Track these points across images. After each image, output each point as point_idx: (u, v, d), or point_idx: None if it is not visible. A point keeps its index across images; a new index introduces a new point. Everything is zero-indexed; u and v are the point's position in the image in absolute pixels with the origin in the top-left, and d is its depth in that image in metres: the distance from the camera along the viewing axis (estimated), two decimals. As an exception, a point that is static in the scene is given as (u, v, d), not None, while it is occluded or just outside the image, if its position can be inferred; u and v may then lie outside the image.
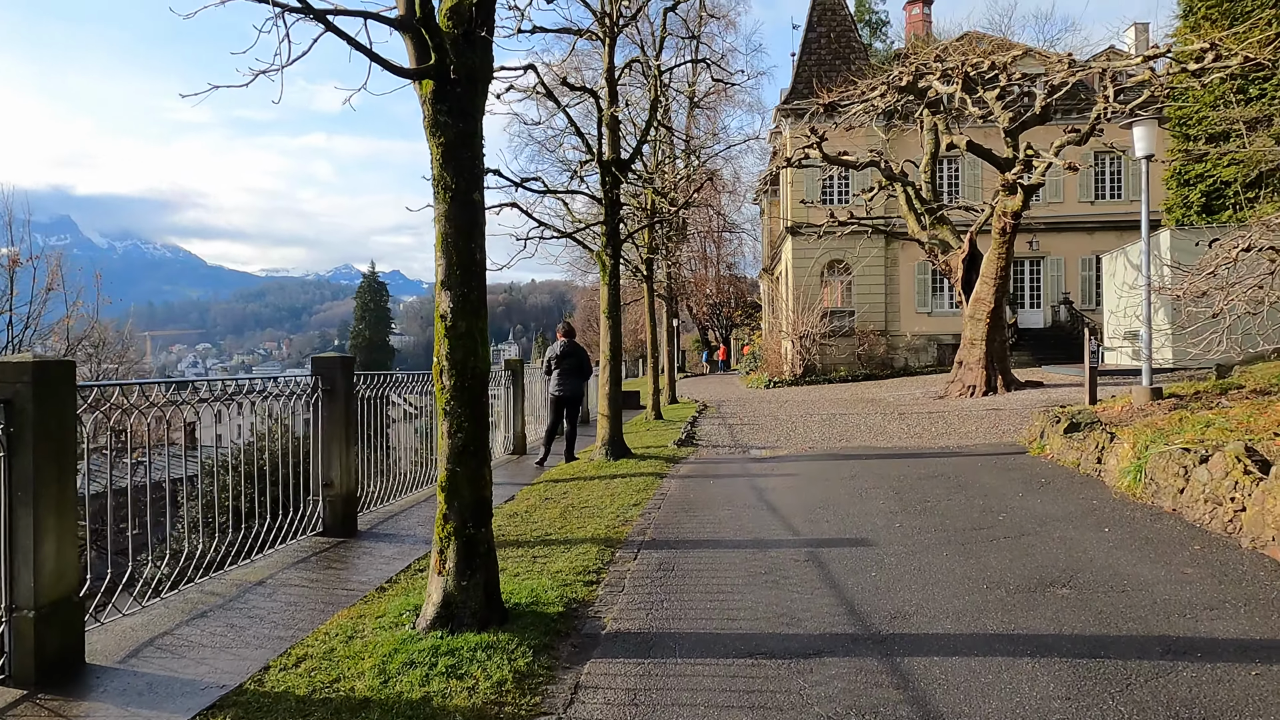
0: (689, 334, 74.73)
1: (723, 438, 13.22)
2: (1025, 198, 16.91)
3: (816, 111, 17.67)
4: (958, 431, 12.60)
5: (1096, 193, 32.70)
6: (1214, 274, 9.83)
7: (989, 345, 18.83)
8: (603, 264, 10.34)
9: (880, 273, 32.08)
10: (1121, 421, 9.17)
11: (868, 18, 68.45)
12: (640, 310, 55.14)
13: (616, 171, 9.96)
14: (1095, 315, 31.73)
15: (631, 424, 16.66)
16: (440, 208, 4.47)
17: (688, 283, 58.45)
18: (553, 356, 10.91)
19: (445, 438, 4.47)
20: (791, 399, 21.87)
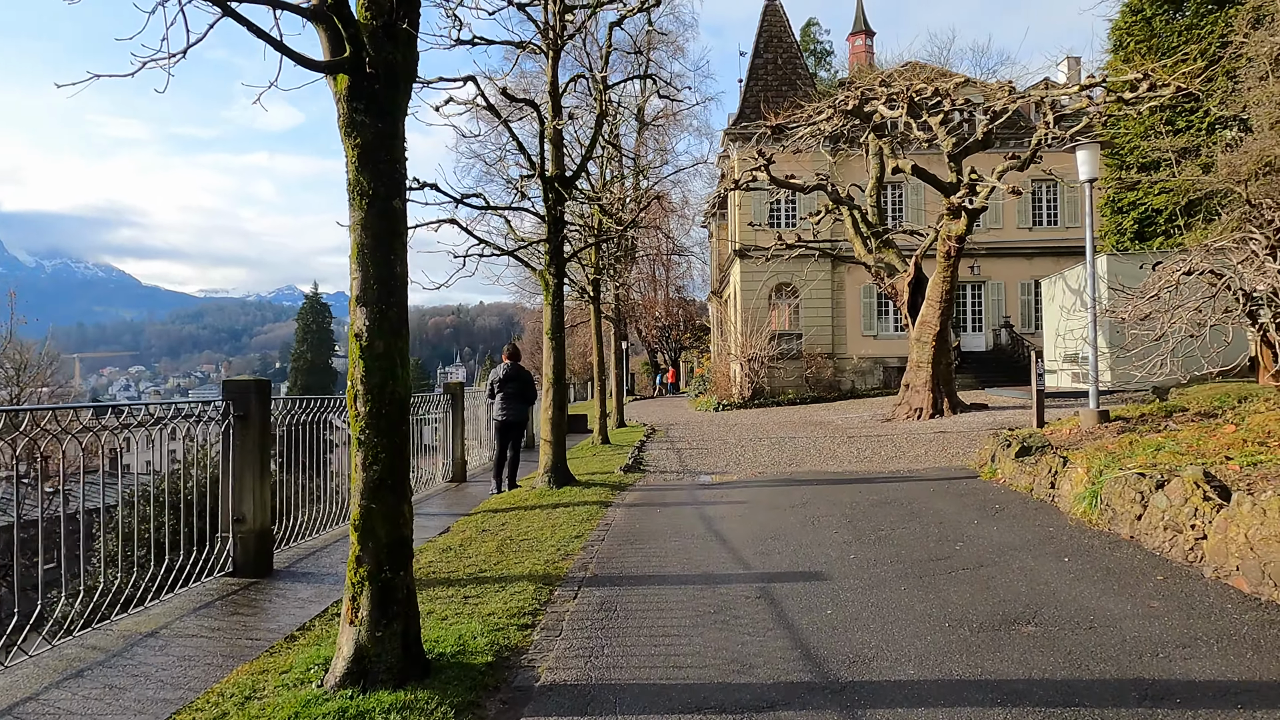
0: (638, 356, 74.51)
1: (671, 463, 12.86)
2: (969, 222, 17.08)
3: (764, 134, 17.64)
4: (907, 455, 12.46)
5: (1034, 219, 33.51)
6: (1157, 297, 9.88)
7: (935, 368, 18.90)
8: (546, 284, 9.95)
9: (827, 296, 32.31)
10: (1071, 445, 9.08)
11: (813, 47, 69.87)
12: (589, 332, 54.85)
13: (560, 188, 9.61)
14: (1035, 338, 32.39)
15: (577, 449, 16.21)
16: (356, 215, 4.04)
17: (637, 305, 58.34)
18: (496, 380, 10.46)
19: (359, 470, 4.01)
20: (740, 422, 21.67)
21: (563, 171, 9.91)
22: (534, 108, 9.30)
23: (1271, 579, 4.60)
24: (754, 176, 20.18)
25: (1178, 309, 9.42)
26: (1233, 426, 7.83)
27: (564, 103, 10.39)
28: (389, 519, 4.02)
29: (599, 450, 15.52)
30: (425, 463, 11.40)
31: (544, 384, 10.25)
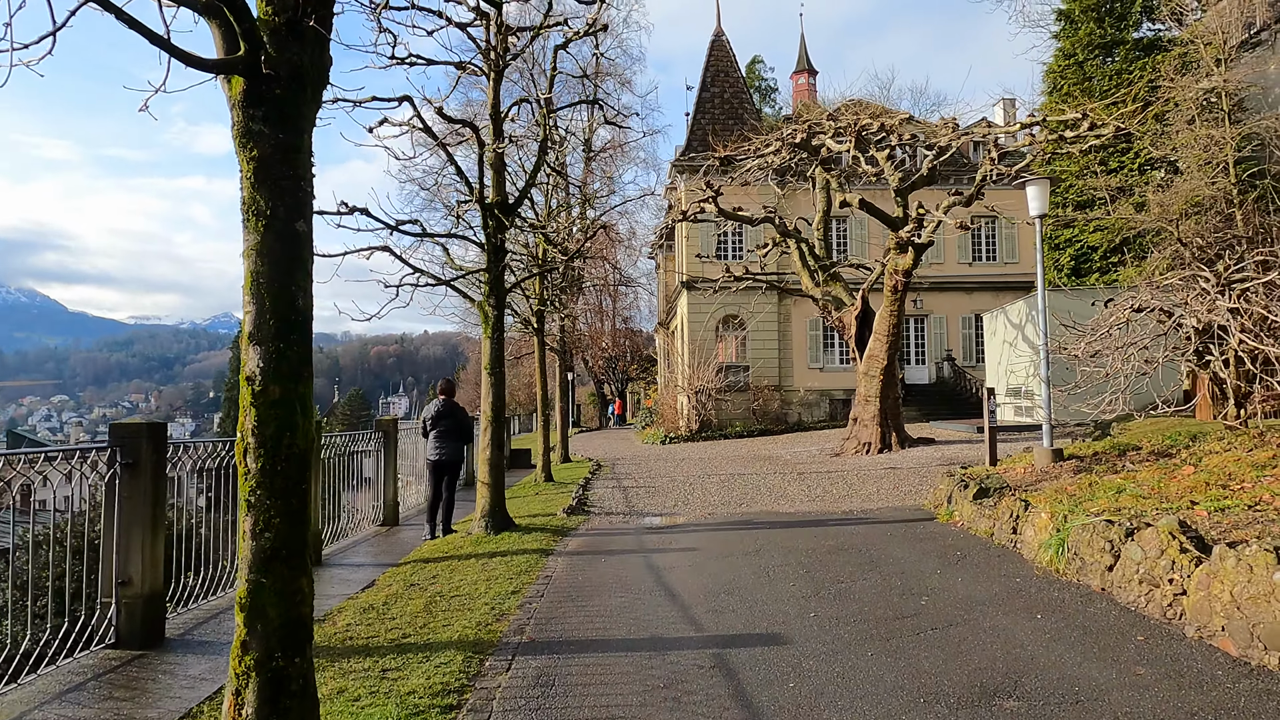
0: (585, 387, 73.71)
1: (617, 503, 12.30)
2: (916, 256, 17.08)
3: (712, 165, 17.45)
4: (859, 493, 12.14)
5: (974, 255, 34.15)
6: (1109, 334, 9.78)
7: (883, 402, 18.79)
8: (485, 315, 9.39)
9: (774, 328, 32.30)
10: (1028, 485, 8.84)
11: (758, 84, 71.03)
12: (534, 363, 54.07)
13: (501, 215, 9.11)
14: (976, 371, 32.85)
15: (520, 486, 15.53)
16: (251, 239, 3.47)
17: (584, 336, 57.79)
18: (428, 417, 9.81)
19: (248, 538, 3.40)
20: (688, 456, 21.23)
21: (504, 198, 9.42)
22: (472, 129, 8.81)
23: (1261, 641, 4.27)
24: (701, 208, 19.97)
25: (1129, 346, 9.31)
26: (1191, 468, 7.66)
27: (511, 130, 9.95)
28: (283, 596, 3.40)
29: (542, 488, 14.87)
30: (360, 499, 10.65)
31: (482, 421, 9.63)
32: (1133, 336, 9.62)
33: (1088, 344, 9.63)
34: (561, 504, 11.98)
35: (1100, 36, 26.02)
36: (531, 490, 14.66)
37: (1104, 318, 9.97)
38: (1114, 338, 9.76)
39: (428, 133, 8.70)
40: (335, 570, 8.02)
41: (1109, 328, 9.70)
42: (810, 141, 16.65)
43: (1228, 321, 8.46)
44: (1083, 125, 14.54)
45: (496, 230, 9.25)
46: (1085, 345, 9.63)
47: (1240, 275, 8.86)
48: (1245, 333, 8.35)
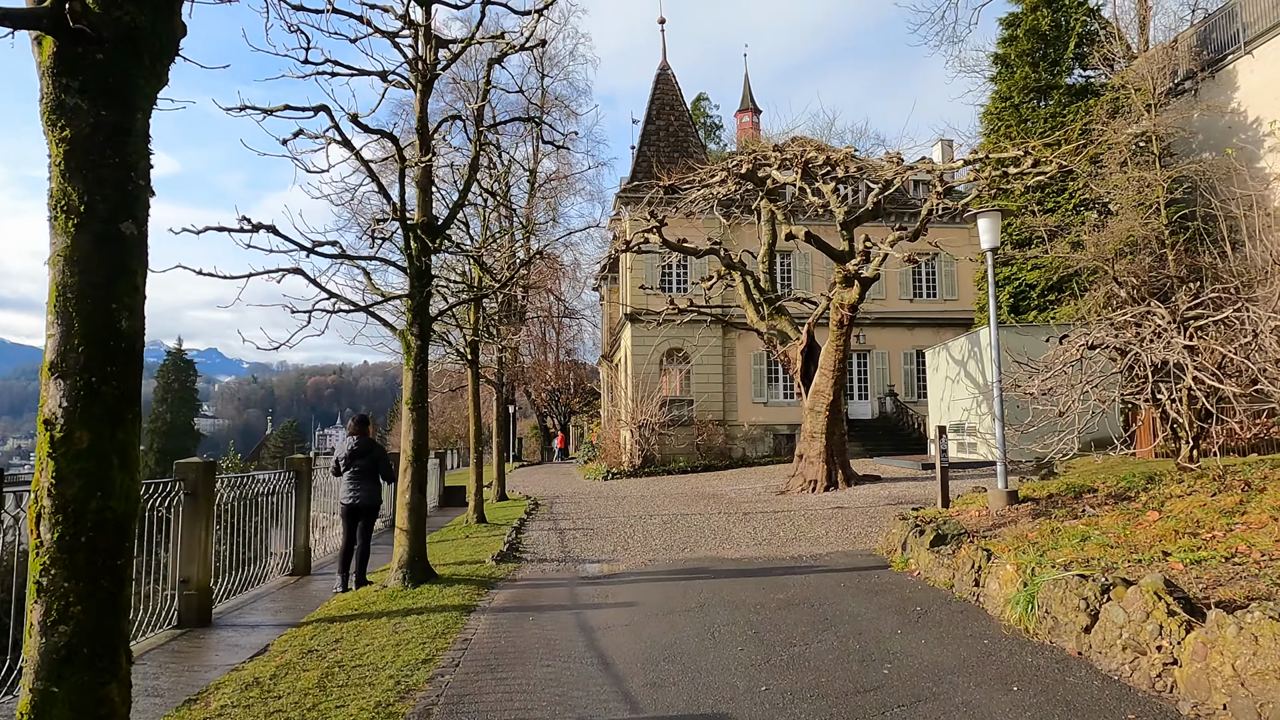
0: (527, 420, 72.43)
1: (552, 548, 11.47)
2: (862, 290, 16.83)
3: (657, 194, 17.00)
4: (807, 536, 11.57)
5: (915, 291, 34.47)
6: (1064, 371, 9.46)
7: (829, 438, 18.40)
8: (407, 345, 8.59)
9: (718, 362, 31.93)
10: (985, 530, 8.38)
11: (703, 120, 71.81)
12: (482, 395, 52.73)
13: (425, 237, 8.37)
14: (918, 407, 32.96)
15: (450, 528, 14.56)
16: (58, 242, 2.70)
17: (527, 368, 56.82)
18: (341, 457, 8.92)
19: (35, 632, 2.59)
20: (630, 493, 20.48)
21: (430, 219, 8.68)
22: (391, 140, 8.09)
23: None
24: (646, 238, 19.49)
25: (1086, 384, 8.98)
26: (1155, 514, 7.27)
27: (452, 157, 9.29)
28: (81, 713, 2.59)
29: (472, 530, 13.95)
30: (270, 545, 9.63)
31: (402, 461, 8.77)
32: (1086, 374, 9.31)
33: (1042, 381, 9.30)
34: (492, 549, 11.11)
35: (1035, 81, 26.62)
36: (461, 533, 13.72)
37: (1057, 354, 9.67)
38: (1067, 375, 9.45)
39: (347, 145, 7.96)
40: (224, 634, 7.05)
41: (1063, 365, 9.40)
42: (756, 173, 16.34)
43: (1184, 359, 8.19)
44: (1026, 162, 14.52)
45: (421, 253, 8.50)
46: (1040, 382, 9.31)
47: (1195, 312, 8.64)
48: (1203, 370, 8.08)
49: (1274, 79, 22.90)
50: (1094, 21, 27.22)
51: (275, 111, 8.04)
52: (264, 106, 8.07)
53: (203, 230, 7.56)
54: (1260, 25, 23.66)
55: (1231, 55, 24.37)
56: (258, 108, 8.05)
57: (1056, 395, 9.72)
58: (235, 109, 7.99)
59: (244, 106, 8.01)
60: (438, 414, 61.54)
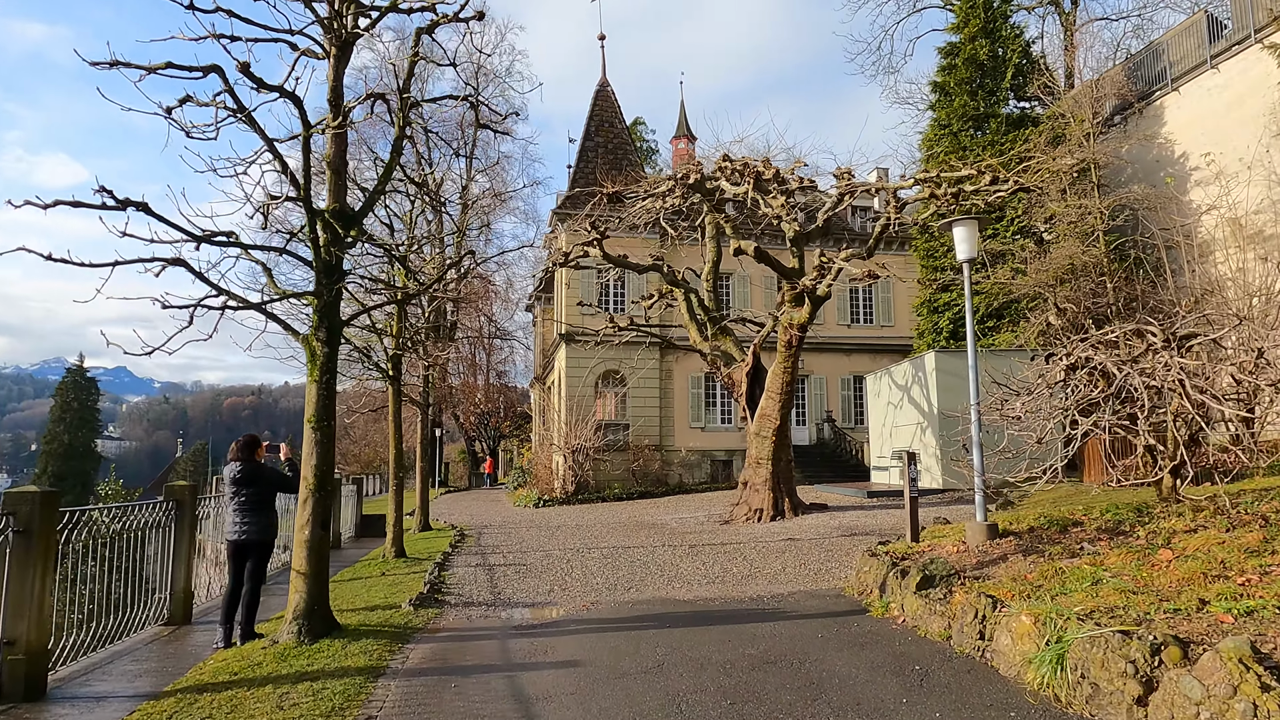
0: (455, 444, 70.05)
1: (480, 588, 10.12)
2: (813, 309, 16.08)
3: (600, 202, 15.97)
4: (764, 572, 10.53)
5: (853, 317, 34.27)
6: (1045, 392, 8.71)
7: (775, 465, 17.53)
8: (311, 353, 7.26)
9: (655, 385, 30.95)
10: (970, 569, 7.49)
11: (640, 144, 71.56)
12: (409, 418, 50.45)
13: (336, 224, 7.10)
14: (856, 433, 32.59)
15: (364, 564, 13.02)
16: None
17: (455, 390, 54.88)
18: (228, 482, 7.49)
19: None
20: (565, 522, 19.18)
21: (343, 207, 7.42)
22: (291, 99, 6.79)
23: None
24: (585, 251, 18.43)
25: (1074, 407, 8.23)
26: (1168, 553, 6.47)
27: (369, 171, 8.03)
28: None
29: (390, 566, 12.46)
30: (142, 589, 8.07)
31: (301, 490, 7.38)
32: (1075, 396, 8.59)
33: (1024, 403, 8.54)
34: (411, 590, 9.71)
35: (974, 109, 26.75)
36: (377, 569, 12.22)
37: (1039, 376, 8.94)
38: (1046, 397, 8.73)
39: (239, 112, 6.65)
40: (59, 710, 5.55)
41: (1045, 386, 8.67)
42: (705, 183, 15.48)
43: (1178, 380, 7.52)
44: (983, 180, 14.03)
45: (331, 245, 7.21)
46: (1022, 404, 8.54)
47: (1188, 329, 8.01)
48: (1201, 392, 7.41)
49: (1199, 115, 23.42)
50: (1030, 54, 27.64)
51: (158, 69, 6.69)
52: (143, 64, 6.71)
53: (51, 205, 6.14)
54: (1185, 64, 24.24)
55: (1159, 91, 24.91)
56: (135, 65, 6.69)
57: (1033, 419, 8.99)
58: (104, 64, 6.62)
59: (115, 63, 6.64)
60: (359, 436, 58.86)
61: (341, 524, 17.92)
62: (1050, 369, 8.56)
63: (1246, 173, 21.63)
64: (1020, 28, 27.64)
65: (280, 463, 8.00)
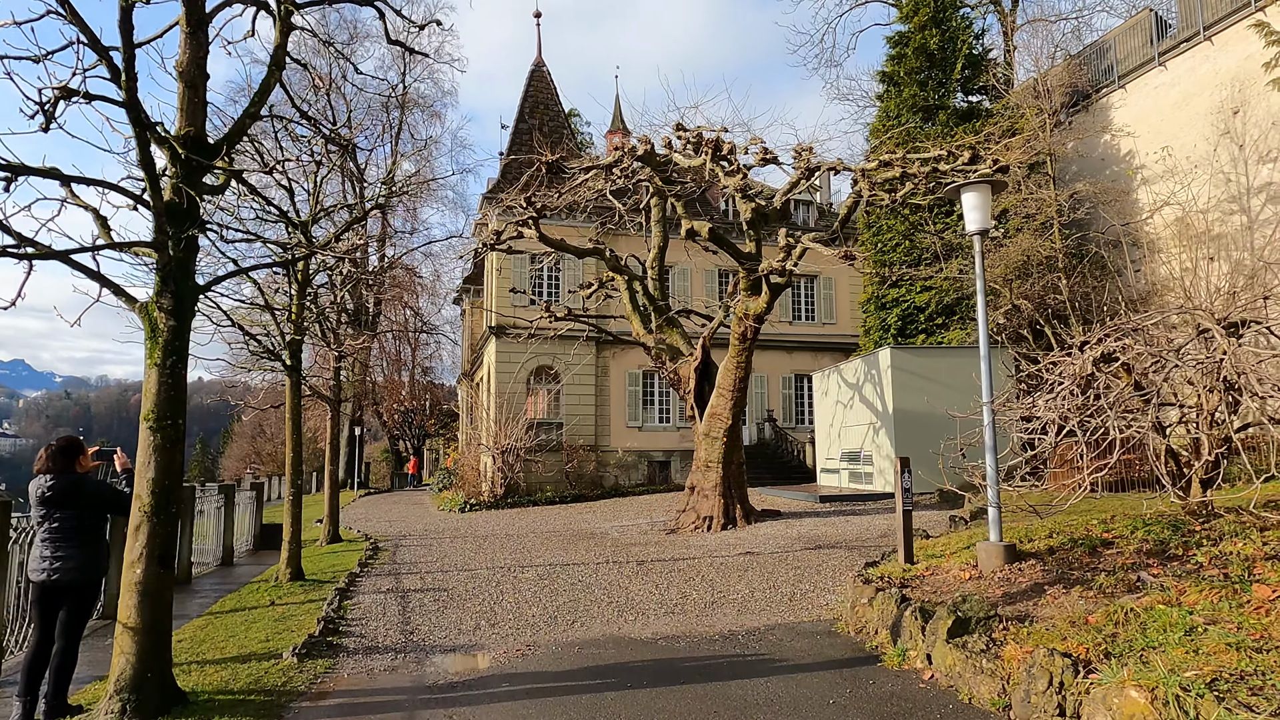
0: (378, 443, 66.96)
1: (389, 626, 8.26)
2: (771, 297, 14.66)
3: (536, 174, 14.19)
4: (730, 598, 8.99)
5: (794, 314, 33.27)
6: (1071, 392, 7.39)
7: (726, 468, 16.07)
8: (151, 326, 5.37)
9: (591, 382, 29.25)
10: (997, 601, 6.08)
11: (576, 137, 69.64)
12: (322, 415, 47.38)
13: (189, 154, 5.23)
14: (797, 433, 31.58)
15: (249, 589, 10.94)
16: None
17: (379, 387, 52.05)
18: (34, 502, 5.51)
19: None
20: (494, 530, 17.34)
21: (200, 132, 5.53)
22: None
23: None
24: (519, 232, 16.61)
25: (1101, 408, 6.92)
26: (1267, 589, 5.14)
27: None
28: None
29: (283, 592, 10.44)
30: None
31: (133, 515, 5.43)
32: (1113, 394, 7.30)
33: (1047, 403, 7.21)
34: (300, 629, 7.82)
35: (924, 99, 25.89)
36: (265, 596, 10.18)
37: (1062, 368, 7.62)
38: (1067, 395, 7.43)
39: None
40: None
41: (1072, 383, 7.36)
42: (654, 154, 13.86)
43: (1242, 373, 6.29)
44: (961, 157, 12.82)
45: (185, 179, 5.33)
46: (1046, 403, 7.21)
47: (1243, 314, 6.79)
48: (1261, 383, 6.18)
49: (1145, 113, 23.01)
50: (981, 45, 26.98)
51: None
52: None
53: None
54: (1131, 61, 23.86)
55: (1106, 89, 24.50)
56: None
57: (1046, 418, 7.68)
58: None
59: None
60: (273, 434, 55.35)
61: (237, 535, 15.71)
62: (1077, 360, 7.23)
63: (1194, 171, 21.21)
64: (969, 18, 26.96)
65: (117, 475, 6.03)
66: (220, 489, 14.87)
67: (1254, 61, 20.38)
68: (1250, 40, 20.13)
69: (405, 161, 48.66)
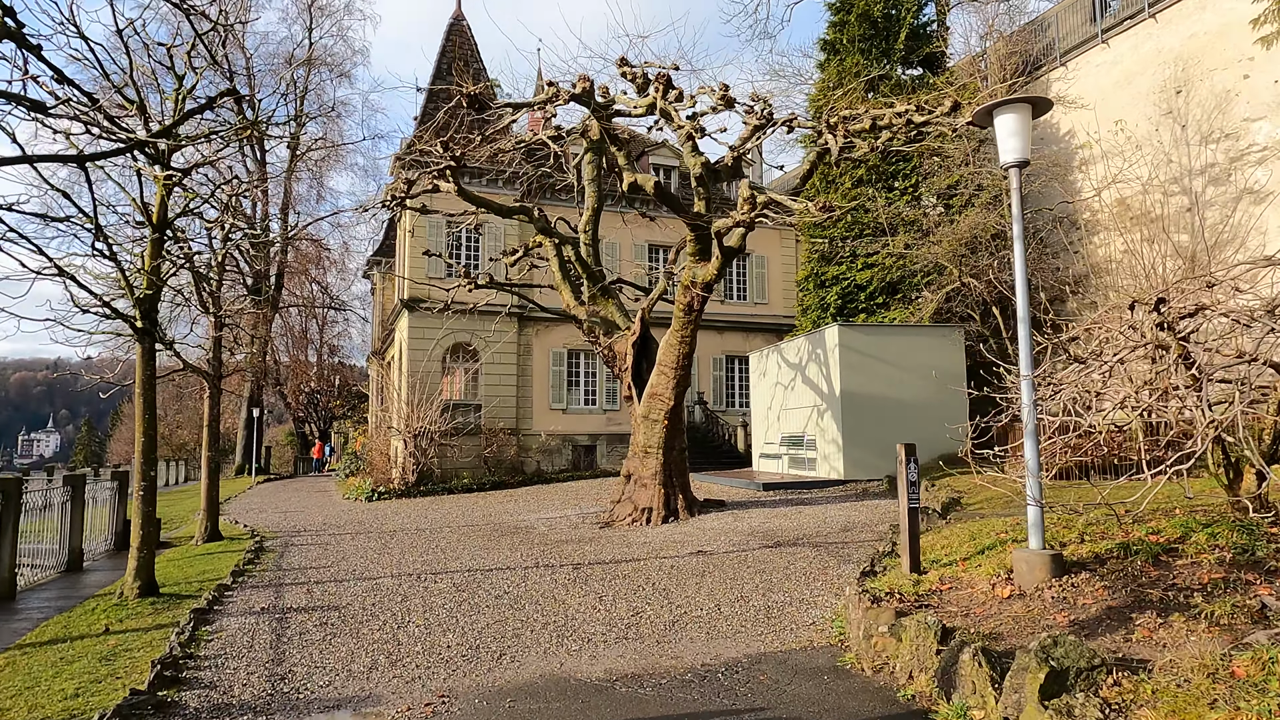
0: (282, 426, 63.13)
1: (253, 669, 6.24)
2: (723, 262, 13.05)
3: (457, 109, 12.10)
4: (691, 613, 7.36)
5: (726, 293, 31.94)
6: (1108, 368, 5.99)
7: (667, 454, 14.48)
8: None
9: (513, 361, 27.19)
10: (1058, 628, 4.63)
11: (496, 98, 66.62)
12: (191, 390, 43.43)
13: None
14: (728, 416, 30.36)
15: (87, 606, 8.66)
16: None
17: (283, 366, 48.53)
18: None
19: None
20: (403, 524, 15.29)
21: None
22: None
23: None
24: (435, 185, 14.49)
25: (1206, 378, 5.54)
26: None
27: None
28: None
29: (127, 613, 8.24)
30: None
31: None
32: (1200, 364, 5.94)
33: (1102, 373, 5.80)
34: (128, 675, 5.77)
35: (866, 68, 24.66)
36: (99, 622, 7.96)
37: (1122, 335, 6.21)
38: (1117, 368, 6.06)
39: None
40: None
41: (1118, 355, 5.97)
42: (592, 94, 11.99)
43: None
44: (942, 106, 11.45)
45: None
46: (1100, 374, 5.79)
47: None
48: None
49: (1086, 91, 22.38)
50: (924, 15, 25.96)
51: None
52: None
53: None
54: (1073, 39, 23.27)
55: (1045, 67, 23.87)
56: None
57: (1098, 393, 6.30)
58: None
59: None
60: (167, 414, 51.01)
61: (91, 534, 13.24)
62: (1139, 322, 5.82)
63: (1137, 151, 20.62)
64: (913, -14, 25.88)
65: None
66: (66, 479, 12.36)
67: (1198, 40, 19.89)
68: (1195, 18, 19.64)
69: (310, 124, 45.19)
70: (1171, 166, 20.62)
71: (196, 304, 12.94)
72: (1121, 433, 7.97)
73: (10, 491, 9.74)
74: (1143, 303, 5.57)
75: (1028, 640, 4.84)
